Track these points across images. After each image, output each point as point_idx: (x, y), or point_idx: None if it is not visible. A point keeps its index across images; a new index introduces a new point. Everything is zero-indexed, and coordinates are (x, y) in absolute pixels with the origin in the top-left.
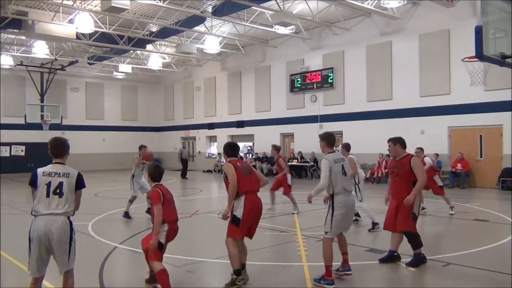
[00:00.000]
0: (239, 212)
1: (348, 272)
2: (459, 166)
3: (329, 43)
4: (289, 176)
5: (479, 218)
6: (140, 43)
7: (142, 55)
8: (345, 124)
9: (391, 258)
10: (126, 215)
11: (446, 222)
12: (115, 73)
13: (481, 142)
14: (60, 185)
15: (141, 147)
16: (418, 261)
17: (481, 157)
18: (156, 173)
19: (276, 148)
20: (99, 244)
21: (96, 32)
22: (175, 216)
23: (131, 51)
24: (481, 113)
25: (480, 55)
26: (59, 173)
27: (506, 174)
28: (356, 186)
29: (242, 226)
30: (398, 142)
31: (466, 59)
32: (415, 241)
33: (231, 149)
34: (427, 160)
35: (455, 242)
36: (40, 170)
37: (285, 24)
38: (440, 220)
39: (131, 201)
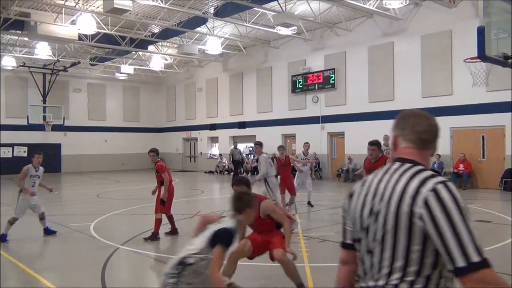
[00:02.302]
0: None
1: None
2: (461, 167)
3: (330, 44)
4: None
5: (482, 219)
6: (142, 44)
7: (144, 56)
8: (347, 125)
9: None
10: (3, 238)
11: None
12: (117, 74)
13: (484, 143)
14: None
15: (35, 154)
16: None
17: (483, 158)
18: None
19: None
20: (101, 245)
21: (98, 33)
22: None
23: (133, 52)
24: (484, 114)
25: (482, 56)
26: None
27: (509, 175)
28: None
29: None
30: (379, 145)
31: (468, 60)
32: None
33: None
34: None
35: None
36: None
37: (287, 25)
38: None
39: (11, 223)
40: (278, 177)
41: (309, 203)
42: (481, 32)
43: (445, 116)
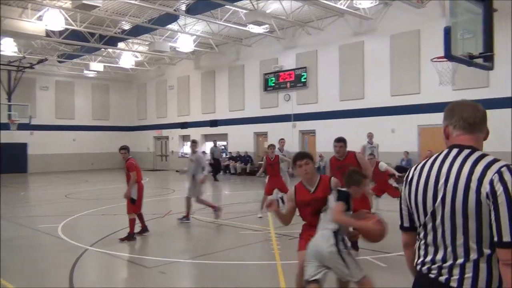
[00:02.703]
0: None
1: None
2: None
3: (302, 42)
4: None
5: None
6: (112, 41)
7: (114, 54)
8: (318, 123)
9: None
10: None
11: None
12: (86, 72)
13: None
14: None
15: None
16: None
17: None
18: None
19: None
20: (69, 246)
21: (66, 29)
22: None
23: (103, 49)
24: None
25: (448, 55)
26: None
27: None
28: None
29: None
30: (345, 142)
31: (435, 59)
32: None
33: None
34: (382, 165)
35: None
36: None
37: (259, 23)
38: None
39: None
40: (267, 176)
41: (282, 199)
42: (447, 32)
43: (413, 114)
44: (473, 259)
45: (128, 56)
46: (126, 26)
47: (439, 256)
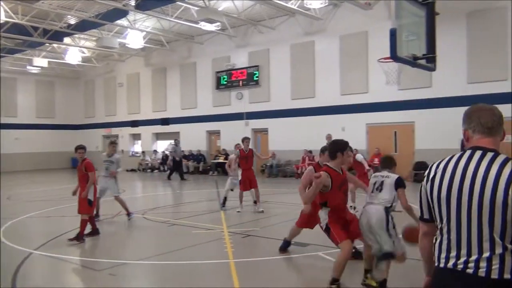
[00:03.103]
0: None
1: None
2: (376, 161)
3: (254, 41)
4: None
5: (395, 209)
6: (57, 36)
7: (59, 49)
8: (270, 121)
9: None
10: None
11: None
12: (29, 67)
13: (396, 138)
14: None
15: None
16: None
17: (396, 152)
18: None
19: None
20: (11, 250)
21: (7, 22)
22: None
23: (47, 44)
24: (396, 111)
25: (394, 56)
26: None
27: (418, 167)
28: None
29: None
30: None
31: (382, 60)
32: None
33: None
34: (358, 156)
35: None
36: None
37: (210, 21)
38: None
39: None
40: (239, 172)
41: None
42: (393, 34)
43: (361, 112)
44: (499, 253)
45: (74, 51)
46: (72, 21)
47: (464, 251)
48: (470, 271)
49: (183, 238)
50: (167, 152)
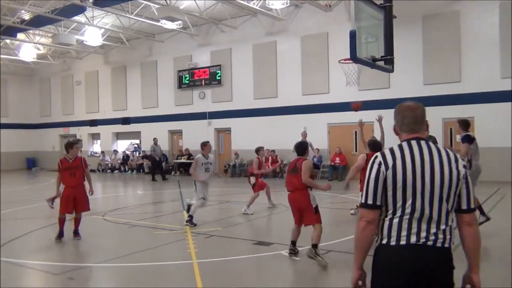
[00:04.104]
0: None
1: None
2: (337, 160)
3: (217, 40)
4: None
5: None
6: (10, 31)
7: (12, 45)
8: (233, 121)
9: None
10: None
11: (328, 212)
12: None
13: (356, 138)
14: None
15: None
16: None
17: (356, 151)
18: None
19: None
20: None
21: None
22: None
23: None
24: (355, 111)
25: (354, 57)
26: None
27: None
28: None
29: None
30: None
31: (342, 61)
32: None
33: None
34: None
35: (334, 230)
36: None
37: (171, 19)
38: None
39: None
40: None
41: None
42: (353, 35)
43: (322, 112)
44: (449, 225)
45: (29, 48)
46: (27, 16)
47: (426, 226)
48: (430, 243)
49: (145, 239)
50: (128, 152)
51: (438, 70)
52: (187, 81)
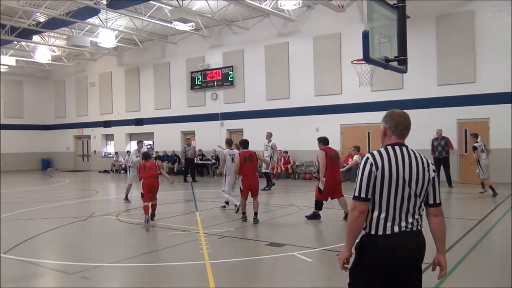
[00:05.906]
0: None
1: None
2: (350, 161)
3: (229, 41)
4: None
5: None
6: (26, 34)
7: (28, 47)
8: (245, 122)
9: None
10: None
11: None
12: None
13: (369, 139)
14: None
15: None
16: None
17: (369, 152)
18: None
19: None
20: None
21: None
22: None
23: (15, 42)
24: (369, 112)
25: (367, 58)
26: None
27: None
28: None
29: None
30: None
31: (355, 61)
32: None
33: None
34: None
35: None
36: None
37: (184, 21)
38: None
39: None
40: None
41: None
42: (365, 36)
43: (335, 114)
44: (421, 214)
45: (44, 50)
46: (42, 18)
47: (404, 216)
48: (409, 229)
49: (158, 239)
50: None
51: (452, 70)
52: (200, 82)
